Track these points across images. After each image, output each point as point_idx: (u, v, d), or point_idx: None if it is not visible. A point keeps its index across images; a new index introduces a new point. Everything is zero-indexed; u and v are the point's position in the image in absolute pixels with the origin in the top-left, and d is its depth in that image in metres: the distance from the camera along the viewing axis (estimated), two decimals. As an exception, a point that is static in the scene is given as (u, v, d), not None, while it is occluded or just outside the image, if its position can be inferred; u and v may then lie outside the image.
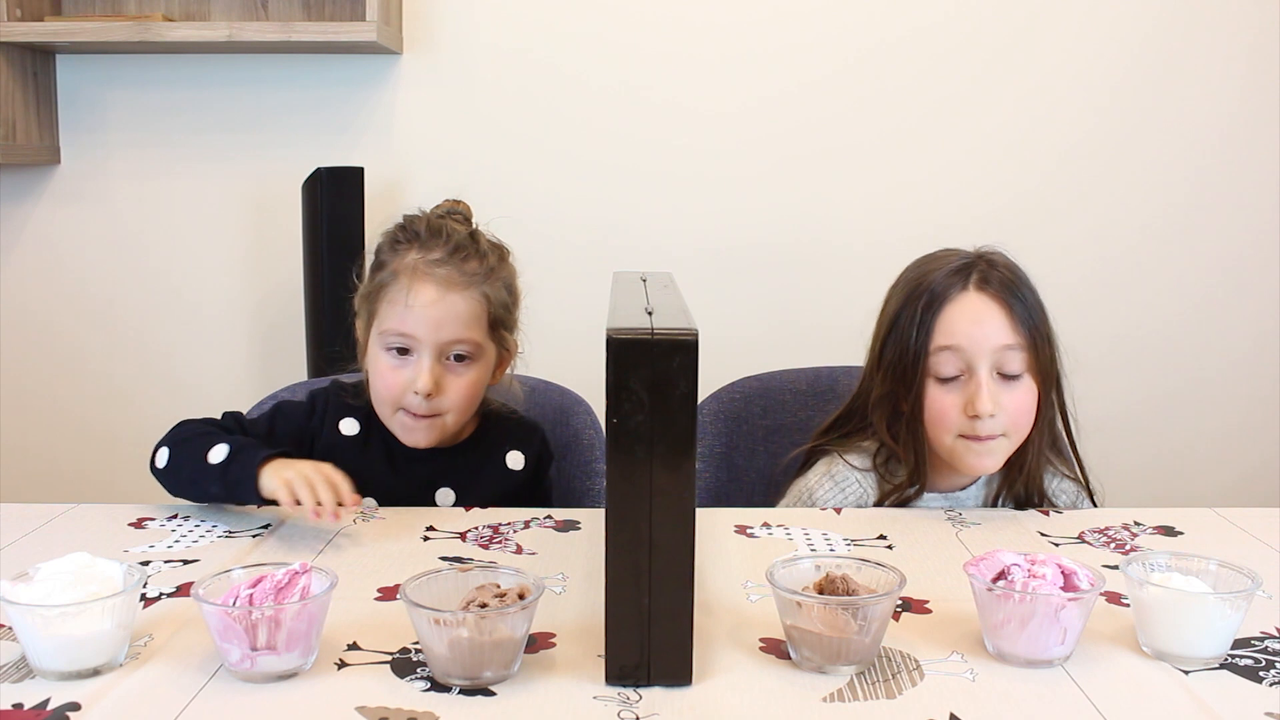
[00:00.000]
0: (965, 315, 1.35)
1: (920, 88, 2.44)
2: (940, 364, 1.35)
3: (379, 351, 1.36)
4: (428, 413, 1.35)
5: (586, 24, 2.43)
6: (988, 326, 1.34)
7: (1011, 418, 1.34)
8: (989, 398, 1.32)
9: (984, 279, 1.37)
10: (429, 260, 1.34)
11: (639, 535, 0.85)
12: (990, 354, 1.34)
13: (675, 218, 2.48)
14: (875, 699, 0.86)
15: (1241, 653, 0.95)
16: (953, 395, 1.35)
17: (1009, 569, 0.95)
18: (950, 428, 1.35)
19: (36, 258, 2.51)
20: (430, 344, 1.33)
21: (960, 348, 1.34)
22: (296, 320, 2.39)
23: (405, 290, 1.33)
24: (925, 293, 1.36)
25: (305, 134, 2.45)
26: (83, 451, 2.55)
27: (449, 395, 1.35)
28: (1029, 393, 1.36)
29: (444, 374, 1.34)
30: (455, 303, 1.34)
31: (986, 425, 1.33)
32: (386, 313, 1.35)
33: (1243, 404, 2.54)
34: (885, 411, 1.40)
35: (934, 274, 1.38)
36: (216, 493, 1.29)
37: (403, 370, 1.34)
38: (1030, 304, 1.37)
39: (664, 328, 0.84)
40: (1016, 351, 1.34)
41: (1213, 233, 2.49)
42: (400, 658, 0.93)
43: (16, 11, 2.29)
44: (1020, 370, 1.35)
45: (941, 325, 1.35)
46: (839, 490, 1.43)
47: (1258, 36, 2.42)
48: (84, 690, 0.86)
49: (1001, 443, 1.35)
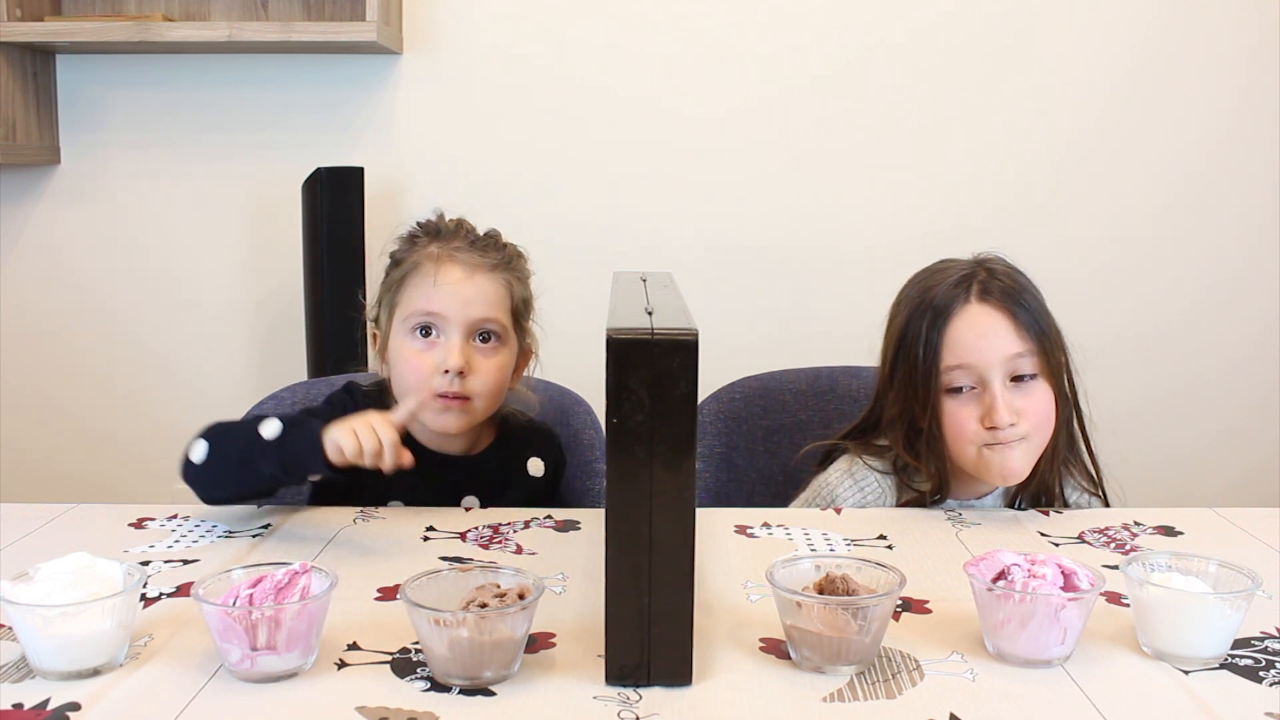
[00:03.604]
0: (972, 330, 1.34)
1: (920, 89, 2.44)
2: (952, 380, 1.35)
3: (403, 339, 1.35)
4: (459, 393, 1.32)
5: (586, 25, 2.43)
6: (995, 339, 1.34)
7: (1031, 422, 1.34)
8: (1005, 408, 1.32)
9: (985, 289, 1.36)
10: (452, 247, 1.35)
11: (639, 535, 0.85)
12: (1001, 364, 1.33)
13: (675, 218, 2.48)
14: (875, 699, 0.86)
15: (1241, 653, 0.95)
16: (969, 408, 1.34)
17: (1009, 569, 0.95)
18: (971, 440, 1.34)
19: (36, 258, 2.51)
20: (459, 321, 1.32)
21: (971, 364, 1.33)
22: (296, 320, 2.39)
23: (432, 272, 1.33)
24: (929, 309, 1.36)
25: (305, 134, 2.45)
26: (83, 451, 2.55)
27: (478, 376, 1.33)
28: (1045, 394, 1.36)
29: (472, 354, 1.33)
30: (482, 283, 1.34)
31: (1007, 434, 1.32)
32: (411, 297, 1.34)
33: (1243, 404, 2.54)
34: (901, 429, 1.40)
35: (935, 289, 1.37)
36: (269, 471, 1.21)
37: (430, 353, 1.33)
38: (1034, 309, 1.37)
39: (664, 328, 0.84)
40: (1026, 357, 1.34)
41: (1213, 233, 2.49)
42: (400, 658, 0.93)
43: (16, 11, 2.29)
44: (1033, 374, 1.35)
45: (949, 343, 1.34)
46: (858, 489, 1.43)
47: (1258, 36, 2.42)
48: (84, 690, 0.86)
49: (1025, 446, 1.34)
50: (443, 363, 1.31)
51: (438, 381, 1.32)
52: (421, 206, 2.47)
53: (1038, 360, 1.35)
